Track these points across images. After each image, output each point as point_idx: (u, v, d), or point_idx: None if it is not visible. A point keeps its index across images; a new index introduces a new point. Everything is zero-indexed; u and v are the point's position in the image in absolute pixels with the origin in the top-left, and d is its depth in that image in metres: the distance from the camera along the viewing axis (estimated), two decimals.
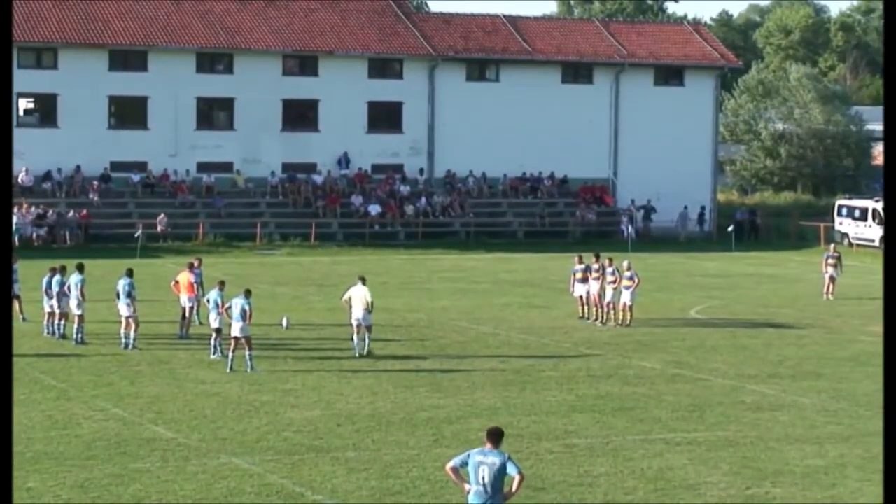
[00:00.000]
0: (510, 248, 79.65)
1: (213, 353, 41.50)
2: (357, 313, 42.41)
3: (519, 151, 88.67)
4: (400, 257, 67.95)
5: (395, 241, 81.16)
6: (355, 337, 42.67)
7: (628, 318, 50.66)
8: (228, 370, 39.16)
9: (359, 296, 42.65)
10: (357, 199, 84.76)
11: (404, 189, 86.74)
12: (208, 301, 42.10)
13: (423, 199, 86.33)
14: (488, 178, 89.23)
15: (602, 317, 50.99)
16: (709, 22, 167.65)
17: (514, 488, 20.53)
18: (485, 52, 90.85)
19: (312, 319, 48.54)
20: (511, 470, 20.56)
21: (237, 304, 39.75)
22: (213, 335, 41.61)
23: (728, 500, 26.73)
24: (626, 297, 50.83)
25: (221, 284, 42.15)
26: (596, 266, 51.81)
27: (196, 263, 46.71)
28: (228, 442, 30.57)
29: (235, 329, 39.69)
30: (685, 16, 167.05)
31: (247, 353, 39.67)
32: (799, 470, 29.47)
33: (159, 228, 77.43)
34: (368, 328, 42.55)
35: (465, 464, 20.91)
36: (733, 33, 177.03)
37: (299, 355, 42.35)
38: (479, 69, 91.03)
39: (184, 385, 37.53)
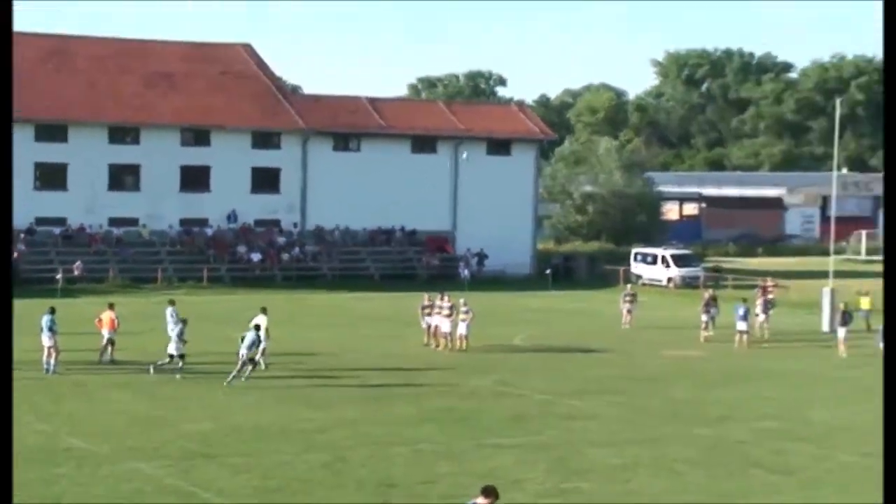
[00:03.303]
0: (369, 289, 79.59)
1: (178, 375, 42.10)
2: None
3: (376, 208, 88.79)
4: (278, 297, 67.63)
5: (274, 283, 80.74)
6: (259, 357, 43.12)
7: (464, 345, 50.91)
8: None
9: (262, 323, 43.69)
10: (242, 248, 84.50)
11: (281, 240, 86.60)
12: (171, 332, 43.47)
13: (297, 249, 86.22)
14: (351, 230, 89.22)
15: (446, 345, 51.21)
16: (531, 103, 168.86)
17: None
18: (348, 128, 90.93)
19: (208, 348, 48.20)
20: None
21: (175, 331, 42.69)
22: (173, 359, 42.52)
23: (545, 493, 26.88)
24: (462, 328, 51.15)
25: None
26: (439, 303, 52.18)
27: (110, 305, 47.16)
28: (134, 451, 30.29)
29: (172, 347, 42.28)
30: (512, 98, 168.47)
31: (180, 364, 42.05)
32: (602, 468, 29.74)
33: (76, 273, 76.71)
34: (263, 350, 43.02)
35: None
36: (551, 112, 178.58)
37: (197, 378, 42.05)
38: (344, 141, 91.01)
39: (97, 404, 37.19)
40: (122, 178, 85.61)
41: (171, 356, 42.57)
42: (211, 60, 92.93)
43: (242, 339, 41.65)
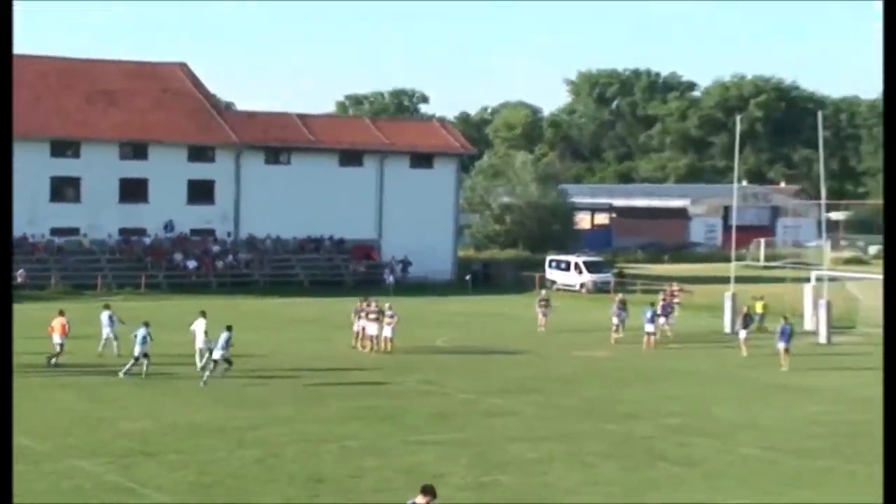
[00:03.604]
0: (298, 294, 79.26)
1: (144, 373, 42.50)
2: (199, 342, 44.33)
3: (306, 218, 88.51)
4: (213, 302, 67.14)
5: (209, 289, 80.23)
6: (198, 358, 43.73)
7: (389, 347, 50.87)
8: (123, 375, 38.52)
9: (201, 327, 44.63)
10: (178, 256, 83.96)
11: (216, 248, 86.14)
12: (135, 335, 43.28)
13: (231, 256, 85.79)
14: (282, 239, 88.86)
15: (373, 347, 51.17)
16: (452, 119, 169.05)
17: None
18: (279, 142, 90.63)
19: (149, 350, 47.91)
20: None
21: (140, 332, 42.76)
22: (137, 359, 42.74)
23: (466, 486, 26.91)
24: (387, 331, 51.13)
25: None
26: (366, 307, 52.12)
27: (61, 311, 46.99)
28: (75, 449, 30.06)
29: (137, 349, 42.43)
30: (434, 114, 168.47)
31: (146, 364, 42.20)
32: (520, 462, 29.82)
33: (19, 280, 75.80)
34: (210, 350, 43.15)
35: None
36: (470, 128, 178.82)
37: (136, 380, 41.74)
38: (275, 155, 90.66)
39: (42, 404, 36.84)
40: (64, 189, 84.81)
41: (136, 357, 42.59)
42: (149, 79, 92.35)
43: (213, 340, 42.52)
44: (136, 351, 42.69)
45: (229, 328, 42.41)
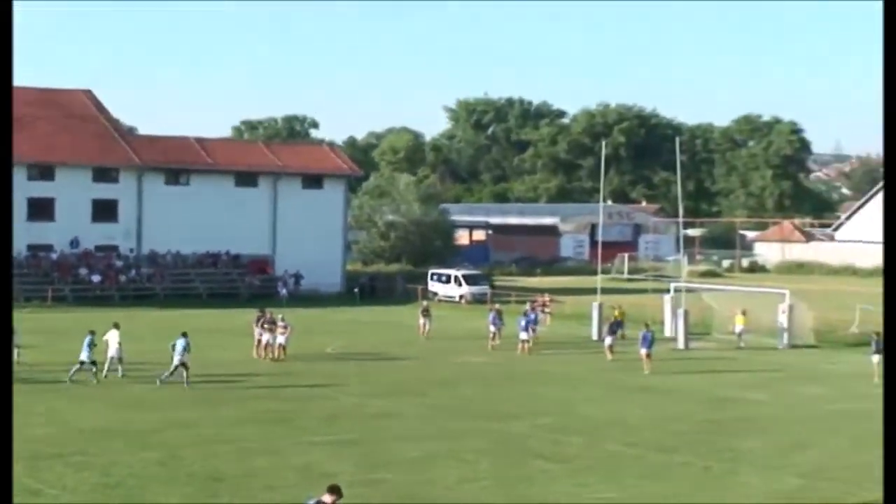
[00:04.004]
0: (197, 306, 78.45)
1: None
2: (112, 351, 43.91)
3: (204, 235, 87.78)
4: (116, 314, 66.12)
5: (112, 302, 79.14)
6: (107, 365, 43.50)
7: (283, 354, 50.59)
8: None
9: (114, 337, 44.32)
10: (84, 271, 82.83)
11: (119, 263, 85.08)
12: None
13: (133, 271, 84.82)
14: (181, 254, 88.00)
15: (268, 354, 50.85)
16: (340, 143, 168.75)
17: None
18: (179, 164, 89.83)
19: (52, 359, 47.10)
20: None
21: (85, 341, 42.98)
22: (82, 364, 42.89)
23: (354, 484, 26.78)
24: (280, 339, 50.86)
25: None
26: (267, 318, 51.89)
27: None
28: None
29: (83, 355, 42.68)
30: (323, 139, 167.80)
31: (94, 369, 42.54)
32: (404, 460, 29.80)
33: None
34: (120, 359, 43.38)
35: None
36: (358, 151, 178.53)
37: (45, 387, 41.09)
38: (175, 176, 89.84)
39: None
40: None
41: (83, 362, 42.84)
42: (56, 105, 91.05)
43: (174, 347, 42.95)
44: (83, 356, 42.82)
45: (185, 334, 43.33)
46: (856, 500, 24.14)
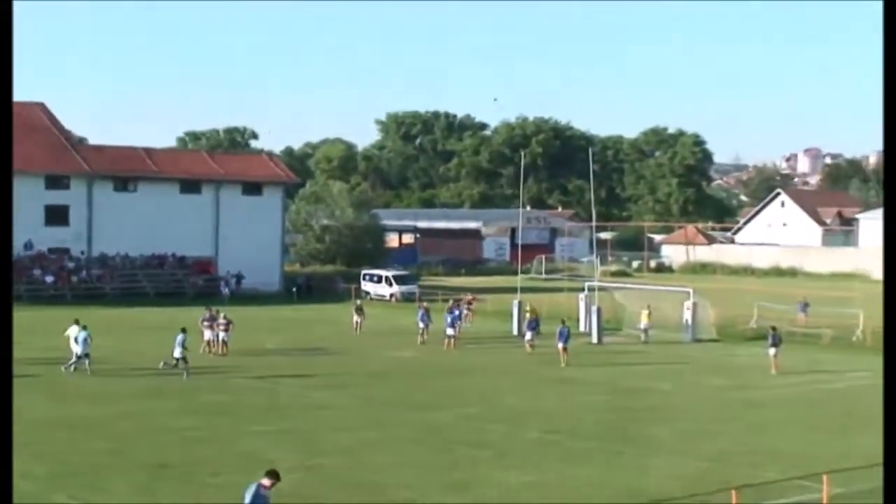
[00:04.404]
0: (145, 304, 77.72)
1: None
2: (73, 346, 43.71)
3: (151, 239, 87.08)
4: (69, 312, 65.26)
5: (65, 301, 78.13)
6: (74, 359, 43.20)
7: (225, 350, 50.24)
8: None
9: (74, 333, 44.05)
10: (37, 272, 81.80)
11: (71, 265, 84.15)
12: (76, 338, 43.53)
13: (84, 272, 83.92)
14: (130, 256, 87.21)
15: (211, 350, 50.48)
16: (278, 153, 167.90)
17: None
18: (127, 172, 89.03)
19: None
20: None
21: (81, 334, 43.07)
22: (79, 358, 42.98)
23: (293, 469, 26.63)
24: (223, 335, 50.52)
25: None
26: (207, 315, 51.57)
27: None
28: None
29: (78, 349, 42.88)
30: (263, 149, 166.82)
31: (87, 362, 42.55)
32: (340, 448, 29.71)
33: None
34: (87, 354, 43.00)
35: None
36: (295, 160, 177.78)
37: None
38: (123, 183, 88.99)
39: None
40: None
41: (79, 356, 42.92)
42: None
43: (175, 340, 43.29)
44: (79, 350, 42.90)
45: (184, 330, 43.53)
46: (756, 482, 24.33)
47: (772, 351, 48.02)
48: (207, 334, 50.64)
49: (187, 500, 24.10)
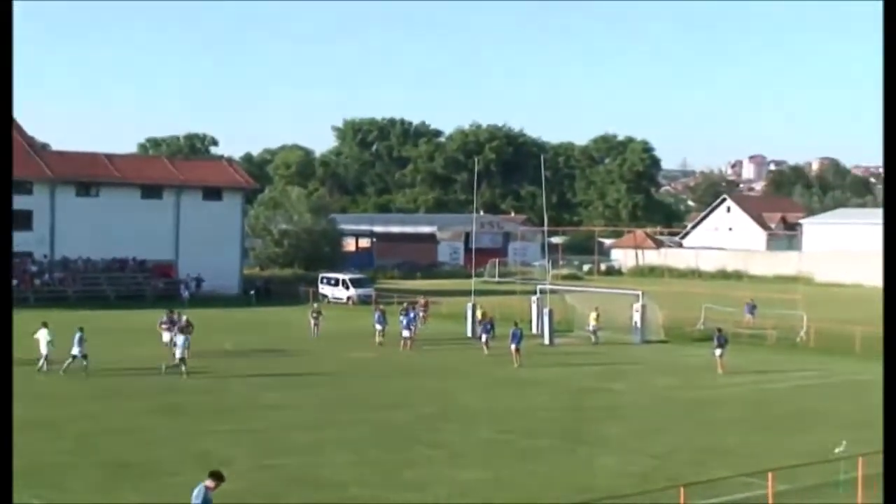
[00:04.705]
0: (106, 307, 77.12)
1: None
2: (43, 348, 43.68)
3: (112, 243, 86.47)
4: (32, 315, 64.68)
5: (28, 304, 77.29)
6: (43, 361, 43.34)
7: (186, 353, 49.79)
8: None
9: (43, 335, 44.17)
10: None
11: (34, 268, 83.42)
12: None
13: (47, 275, 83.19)
14: (92, 260, 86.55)
15: (171, 351, 50.07)
16: (238, 159, 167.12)
17: None
18: (89, 177, 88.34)
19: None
20: None
21: (76, 335, 43.19)
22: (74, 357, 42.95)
23: (251, 469, 26.49)
24: (181, 341, 50.05)
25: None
26: (165, 319, 51.19)
27: None
28: None
29: (74, 350, 42.85)
30: (222, 155, 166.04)
31: (84, 363, 42.68)
32: (297, 447, 29.54)
33: None
34: (85, 355, 43.04)
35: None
36: (254, 167, 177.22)
37: None
38: (85, 189, 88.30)
39: None
40: None
41: (74, 356, 42.78)
42: None
43: (175, 344, 43.65)
44: (76, 351, 42.86)
45: (183, 330, 44.11)
46: (704, 479, 24.37)
47: (717, 352, 48.26)
48: (166, 336, 50.30)
49: (149, 499, 23.89)
